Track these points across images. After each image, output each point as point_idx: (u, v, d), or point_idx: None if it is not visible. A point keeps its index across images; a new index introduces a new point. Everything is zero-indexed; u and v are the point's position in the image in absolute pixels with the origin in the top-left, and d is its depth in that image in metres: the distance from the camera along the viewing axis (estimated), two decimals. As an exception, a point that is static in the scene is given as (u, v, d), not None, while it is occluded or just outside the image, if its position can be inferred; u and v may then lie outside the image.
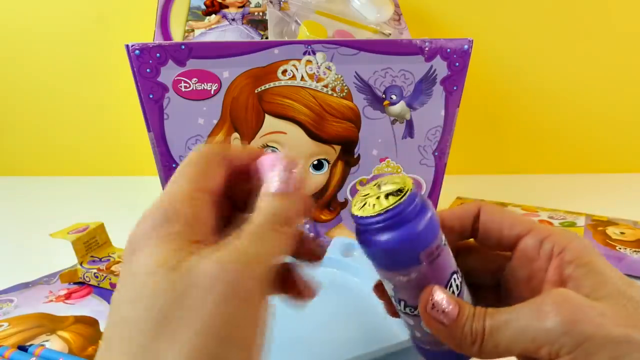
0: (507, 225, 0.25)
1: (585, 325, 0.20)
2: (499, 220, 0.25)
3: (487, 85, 0.78)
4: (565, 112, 0.81)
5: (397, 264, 0.23)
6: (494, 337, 0.21)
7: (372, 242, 0.22)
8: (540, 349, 0.20)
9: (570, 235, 0.24)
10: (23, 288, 0.49)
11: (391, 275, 0.24)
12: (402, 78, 0.48)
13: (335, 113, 0.48)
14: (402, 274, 0.23)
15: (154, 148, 0.48)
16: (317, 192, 0.53)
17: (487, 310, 0.22)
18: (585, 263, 0.22)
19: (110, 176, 0.84)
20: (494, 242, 0.26)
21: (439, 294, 0.23)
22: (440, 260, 0.23)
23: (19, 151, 0.84)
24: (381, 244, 0.22)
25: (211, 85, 0.45)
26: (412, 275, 0.23)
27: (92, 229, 0.52)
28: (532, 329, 0.20)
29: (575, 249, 0.23)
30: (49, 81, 0.78)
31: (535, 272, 0.24)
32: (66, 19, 0.73)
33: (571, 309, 0.20)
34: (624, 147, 0.84)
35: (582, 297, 0.21)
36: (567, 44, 0.76)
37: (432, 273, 0.23)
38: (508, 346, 0.21)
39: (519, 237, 0.25)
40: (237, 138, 0.49)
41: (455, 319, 0.22)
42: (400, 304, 0.25)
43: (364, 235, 0.23)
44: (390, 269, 0.23)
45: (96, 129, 0.81)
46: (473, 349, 0.22)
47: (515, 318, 0.21)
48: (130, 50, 0.43)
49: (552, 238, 0.24)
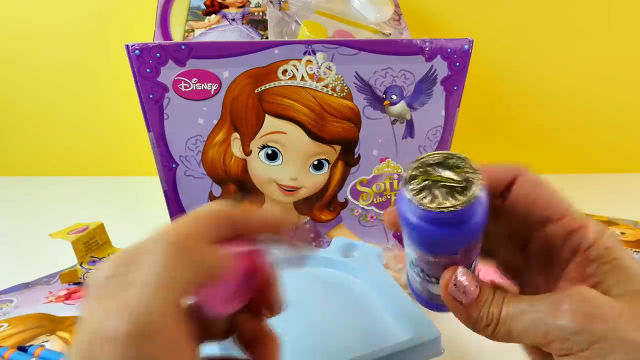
0: (541, 204, 0.24)
1: (600, 325, 0.20)
2: (534, 196, 0.24)
3: (487, 85, 0.78)
4: (565, 112, 0.81)
5: (432, 250, 0.23)
6: (507, 325, 0.22)
7: (415, 226, 0.21)
8: (552, 343, 0.20)
9: (601, 231, 0.23)
10: (23, 288, 0.49)
11: (421, 254, 0.23)
12: (402, 78, 0.48)
13: (336, 113, 0.48)
14: (433, 257, 0.23)
15: (154, 148, 0.48)
16: (317, 192, 0.53)
17: (506, 297, 0.22)
18: (610, 260, 0.22)
19: (110, 176, 0.83)
20: (520, 216, 0.24)
21: (461, 275, 0.23)
22: (472, 250, 0.23)
23: (19, 151, 0.84)
24: (424, 231, 0.21)
25: (211, 85, 0.45)
26: (442, 260, 0.23)
27: (92, 229, 0.52)
28: (546, 324, 0.21)
29: (603, 246, 0.22)
30: (49, 81, 0.78)
31: (556, 262, 0.24)
32: (66, 19, 0.73)
33: (589, 309, 0.20)
34: (624, 147, 0.84)
35: (601, 295, 0.21)
36: (567, 44, 0.76)
37: (461, 259, 0.23)
38: (520, 335, 0.21)
39: (549, 221, 0.24)
40: (237, 138, 0.48)
41: (474, 300, 0.23)
42: (416, 268, 0.25)
43: (409, 215, 0.21)
44: (423, 250, 0.23)
45: (96, 129, 0.81)
46: (487, 331, 0.23)
47: (532, 310, 0.21)
48: (130, 50, 0.43)
49: (582, 232, 0.23)
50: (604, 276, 0.22)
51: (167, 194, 0.50)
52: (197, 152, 0.48)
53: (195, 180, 0.50)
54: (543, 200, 0.24)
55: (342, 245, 0.46)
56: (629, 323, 0.20)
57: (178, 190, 0.50)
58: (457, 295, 0.23)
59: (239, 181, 0.51)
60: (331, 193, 0.53)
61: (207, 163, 0.49)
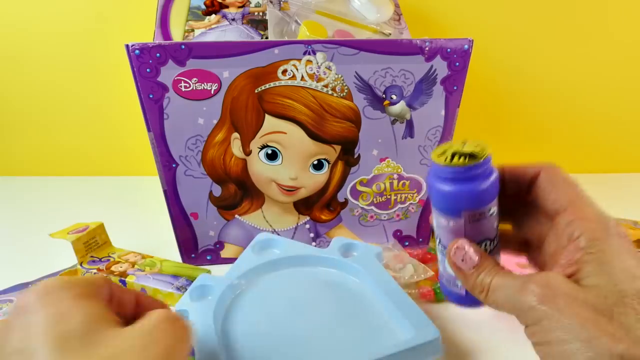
0: (552, 199, 0.27)
1: (550, 306, 0.23)
2: (549, 192, 0.27)
3: (487, 85, 0.78)
4: (565, 112, 0.81)
5: (440, 207, 0.28)
6: (492, 294, 0.26)
7: (430, 184, 0.27)
8: (517, 316, 0.24)
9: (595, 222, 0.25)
10: (23, 288, 0.49)
11: (437, 215, 0.28)
12: (402, 78, 0.48)
13: (336, 113, 0.48)
14: (444, 217, 0.27)
15: (154, 148, 0.48)
16: (317, 192, 0.53)
17: (499, 271, 0.26)
18: (595, 251, 0.24)
19: (110, 176, 0.83)
20: (540, 209, 0.28)
21: (463, 243, 0.27)
22: (479, 224, 0.27)
23: (19, 151, 0.84)
24: (436, 187, 0.27)
25: (211, 85, 0.45)
26: (451, 223, 0.27)
27: (92, 229, 0.52)
28: (514, 299, 0.24)
29: (591, 237, 0.24)
30: (49, 81, 0.78)
31: (559, 249, 0.26)
32: (66, 18, 0.73)
33: (546, 291, 0.23)
34: (624, 147, 0.84)
35: (566, 282, 0.24)
36: (567, 44, 0.76)
37: (468, 230, 0.27)
38: (500, 305, 0.26)
39: (557, 213, 0.26)
40: (237, 138, 0.49)
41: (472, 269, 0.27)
42: (437, 238, 0.29)
43: (430, 176, 0.27)
44: (435, 207, 0.28)
45: (96, 129, 0.81)
46: (481, 297, 0.27)
47: (509, 285, 0.25)
48: (130, 50, 0.43)
49: (578, 222, 0.25)
50: (583, 265, 0.24)
51: (167, 194, 0.50)
52: (197, 152, 0.48)
53: (195, 180, 0.50)
54: (554, 195, 0.27)
55: (342, 245, 0.46)
56: (579, 308, 0.22)
57: (178, 190, 0.50)
58: (458, 261, 0.27)
59: (239, 181, 0.51)
60: (331, 193, 0.53)
61: (207, 163, 0.49)
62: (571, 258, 0.24)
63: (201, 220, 0.52)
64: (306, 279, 0.43)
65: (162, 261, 0.52)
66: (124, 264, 0.51)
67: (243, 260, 0.45)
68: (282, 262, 0.45)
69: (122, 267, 0.50)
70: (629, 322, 0.21)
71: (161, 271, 0.50)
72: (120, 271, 0.49)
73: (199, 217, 0.52)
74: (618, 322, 0.21)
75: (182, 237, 0.53)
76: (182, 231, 0.53)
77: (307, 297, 0.41)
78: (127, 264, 0.51)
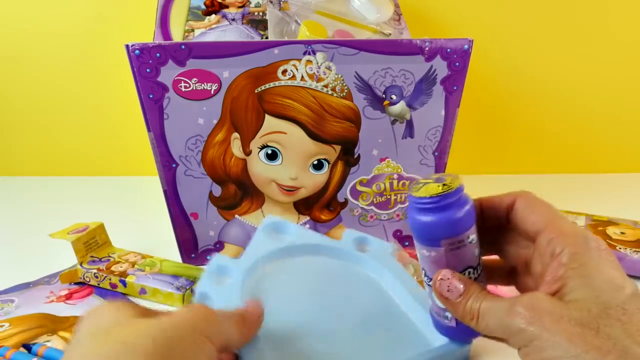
0: (531, 221, 0.27)
1: (537, 326, 0.23)
2: (527, 215, 0.28)
3: (487, 85, 0.78)
4: (565, 112, 0.81)
5: (422, 239, 0.28)
6: (482, 320, 0.26)
7: (410, 217, 0.28)
8: (508, 339, 0.25)
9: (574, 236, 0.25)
10: (24, 288, 0.49)
11: (419, 247, 0.29)
12: (402, 78, 0.48)
13: (335, 113, 0.49)
14: (425, 248, 0.28)
15: (154, 148, 0.48)
16: (317, 192, 0.53)
17: (486, 296, 0.26)
18: (577, 266, 0.24)
19: (110, 176, 0.84)
20: (521, 233, 0.29)
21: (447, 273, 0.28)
22: (460, 252, 0.27)
23: (19, 151, 0.84)
24: (414, 220, 0.28)
25: (211, 85, 0.45)
26: (432, 253, 0.28)
27: (92, 229, 0.52)
28: (505, 323, 0.24)
29: (572, 252, 0.25)
30: (49, 81, 0.78)
31: (544, 269, 0.26)
32: (66, 18, 0.73)
33: (532, 312, 0.23)
34: (624, 147, 0.84)
35: (550, 300, 0.24)
36: (567, 44, 0.76)
37: (449, 259, 0.28)
38: (492, 330, 0.26)
39: (538, 234, 0.27)
40: (237, 138, 0.49)
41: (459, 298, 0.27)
42: (422, 272, 0.30)
43: (409, 209, 0.28)
44: (418, 241, 0.29)
45: (96, 129, 0.81)
46: (472, 324, 0.27)
47: (496, 309, 0.25)
48: (130, 50, 0.43)
49: (558, 239, 0.25)
50: (567, 280, 0.24)
51: (167, 194, 0.50)
52: (197, 152, 0.48)
53: (195, 180, 0.50)
54: (532, 218, 0.28)
55: (354, 238, 0.44)
56: (565, 324, 0.22)
57: (178, 190, 0.50)
58: (444, 292, 0.27)
59: (239, 181, 0.51)
60: (331, 193, 0.53)
61: (207, 163, 0.49)
62: (555, 275, 0.25)
63: (201, 220, 0.52)
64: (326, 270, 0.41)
65: (162, 261, 0.52)
66: (124, 264, 0.51)
67: (257, 243, 0.43)
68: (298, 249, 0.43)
69: (122, 267, 0.50)
70: (615, 334, 0.21)
71: (161, 271, 0.50)
72: (120, 271, 0.49)
73: (199, 217, 0.52)
74: (605, 334, 0.21)
75: (182, 237, 0.53)
76: (182, 231, 0.53)
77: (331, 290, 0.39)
78: (127, 264, 0.51)
